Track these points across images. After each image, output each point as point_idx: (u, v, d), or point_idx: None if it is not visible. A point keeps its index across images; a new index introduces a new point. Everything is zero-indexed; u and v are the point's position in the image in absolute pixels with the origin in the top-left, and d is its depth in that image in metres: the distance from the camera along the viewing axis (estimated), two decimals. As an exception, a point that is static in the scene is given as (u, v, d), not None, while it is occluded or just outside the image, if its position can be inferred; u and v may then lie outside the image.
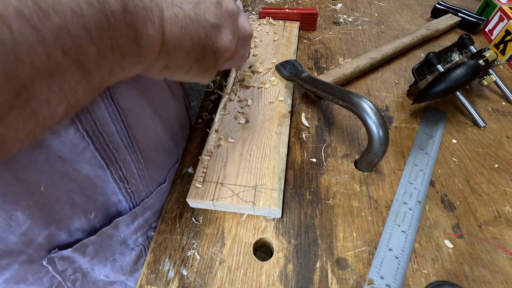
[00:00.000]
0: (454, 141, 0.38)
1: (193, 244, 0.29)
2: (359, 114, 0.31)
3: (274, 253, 0.29)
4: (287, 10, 0.55)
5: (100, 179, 0.26)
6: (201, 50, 0.21)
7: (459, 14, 0.57)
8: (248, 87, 0.42)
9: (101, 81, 0.15)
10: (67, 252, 0.27)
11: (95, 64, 0.14)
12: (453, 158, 0.36)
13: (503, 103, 0.44)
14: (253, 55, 0.48)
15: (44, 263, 0.26)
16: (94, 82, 0.14)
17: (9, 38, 0.10)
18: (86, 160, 0.24)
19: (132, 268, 0.34)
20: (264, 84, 0.42)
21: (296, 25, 0.54)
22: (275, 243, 0.29)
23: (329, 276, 0.27)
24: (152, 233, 0.34)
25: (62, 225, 0.25)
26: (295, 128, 0.40)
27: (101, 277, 0.31)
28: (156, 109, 0.30)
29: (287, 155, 0.35)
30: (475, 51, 0.42)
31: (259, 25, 0.54)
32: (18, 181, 0.21)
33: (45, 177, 0.22)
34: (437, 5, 0.60)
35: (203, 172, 0.32)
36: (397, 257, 0.28)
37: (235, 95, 0.41)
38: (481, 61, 0.38)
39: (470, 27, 0.56)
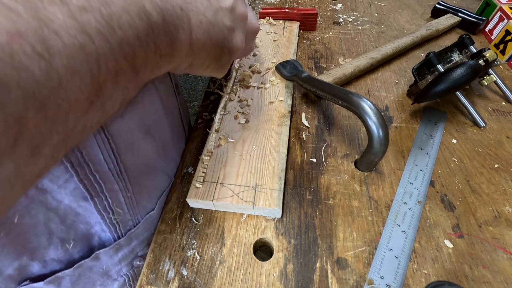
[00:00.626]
0: (454, 141, 0.38)
1: (193, 244, 0.29)
2: (359, 114, 0.31)
3: (274, 253, 0.29)
4: (287, 10, 0.55)
5: (83, 209, 0.25)
6: (219, 49, 0.24)
7: (459, 14, 0.57)
8: (248, 87, 0.42)
9: (144, 78, 0.18)
10: (38, 285, 0.25)
11: (142, 65, 0.17)
12: (453, 158, 0.36)
13: (503, 103, 0.44)
14: (253, 55, 0.48)
15: None
16: (140, 79, 0.18)
17: (93, 51, 0.13)
18: (68, 191, 0.23)
19: None
20: (264, 84, 0.42)
21: (296, 25, 0.54)
22: (275, 243, 0.29)
23: (329, 276, 0.27)
24: (138, 262, 0.32)
25: (35, 255, 0.24)
26: (295, 128, 0.40)
27: None
28: (148, 129, 0.29)
29: (287, 155, 0.35)
30: (475, 51, 0.42)
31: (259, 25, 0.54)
32: None
33: (20, 207, 0.21)
34: (437, 5, 0.60)
35: (203, 172, 0.32)
36: (397, 257, 0.28)
37: (235, 95, 0.41)
38: (481, 61, 0.38)
39: (470, 27, 0.56)
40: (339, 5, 0.65)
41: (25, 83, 0.10)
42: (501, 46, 0.50)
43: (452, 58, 0.44)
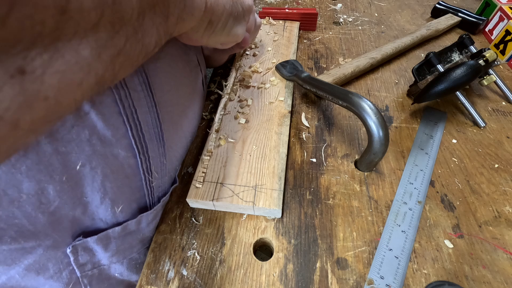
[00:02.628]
0: (454, 141, 0.38)
1: (193, 244, 0.29)
2: (359, 114, 0.31)
3: (274, 253, 0.29)
4: (287, 10, 0.55)
5: (131, 170, 0.26)
6: (233, 4, 0.27)
7: (459, 14, 0.57)
8: (248, 87, 0.42)
9: (172, 27, 0.20)
10: (91, 240, 0.26)
11: (171, 11, 0.19)
12: (453, 158, 0.36)
13: (503, 103, 0.44)
14: (253, 55, 0.48)
15: (68, 251, 0.25)
16: (167, 26, 0.20)
17: None
18: (123, 146, 0.24)
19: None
20: (264, 84, 0.42)
21: (296, 25, 0.54)
22: (275, 243, 0.29)
23: (329, 276, 0.27)
24: None
25: (87, 211, 0.25)
26: (295, 128, 0.40)
27: (116, 274, 0.31)
28: (184, 110, 0.33)
29: (287, 155, 0.35)
30: (475, 51, 0.42)
31: (259, 25, 0.54)
32: (56, 153, 0.20)
33: (84, 156, 0.22)
34: (437, 5, 0.60)
35: (203, 172, 0.32)
36: (397, 257, 0.28)
37: (235, 95, 0.41)
38: (481, 61, 0.38)
39: (470, 27, 0.56)
40: (339, 5, 0.65)
41: None
42: (501, 46, 0.50)
43: (452, 58, 0.44)
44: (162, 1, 0.18)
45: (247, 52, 0.48)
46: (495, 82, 0.43)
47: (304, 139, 0.38)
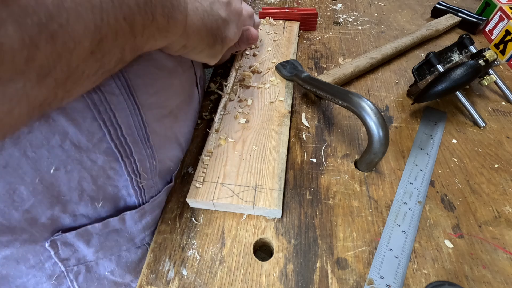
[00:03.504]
0: (454, 141, 0.38)
1: (193, 244, 0.29)
2: (359, 114, 0.31)
3: (274, 253, 0.29)
4: (287, 10, 0.55)
5: (114, 172, 0.26)
6: (212, 37, 0.27)
7: (459, 14, 0.57)
8: (248, 87, 0.42)
9: (141, 45, 0.20)
10: (70, 235, 0.26)
11: (140, 31, 0.19)
12: (453, 158, 0.36)
13: (503, 103, 0.44)
14: (253, 55, 0.48)
15: (47, 245, 0.26)
16: (136, 45, 0.19)
17: (98, 4, 0.15)
18: (101, 150, 0.24)
19: (137, 267, 0.33)
20: (264, 84, 0.42)
21: (296, 25, 0.54)
22: (275, 243, 0.29)
23: (329, 276, 0.27)
24: None
25: (67, 209, 0.25)
26: (295, 128, 0.40)
27: (106, 273, 0.31)
28: (175, 111, 0.32)
29: (287, 155, 0.35)
30: (475, 51, 0.42)
31: (259, 25, 0.54)
32: (25, 157, 0.21)
33: (57, 161, 0.22)
34: (437, 5, 0.60)
35: (203, 172, 0.32)
36: (397, 257, 0.28)
37: (235, 95, 0.41)
38: (481, 61, 0.38)
39: (470, 27, 0.56)
40: (339, 5, 0.65)
41: (39, 11, 0.13)
42: (501, 46, 0.50)
43: (452, 58, 0.44)
44: (129, 26, 0.18)
45: (247, 52, 0.48)
46: (495, 82, 0.43)
47: (304, 139, 0.38)
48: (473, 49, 0.43)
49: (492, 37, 0.53)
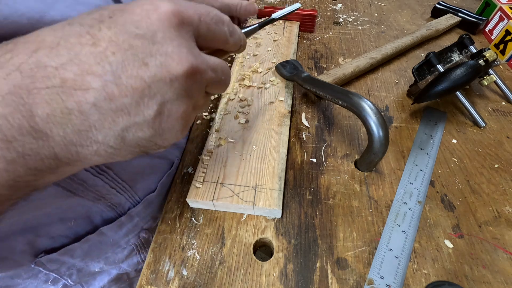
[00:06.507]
0: (454, 141, 0.38)
1: (193, 244, 0.29)
2: (359, 114, 0.31)
3: (274, 253, 0.29)
4: (287, 10, 0.55)
5: (74, 200, 0.26)
6: (141, 152, 0.18)
7: (459, 14, 0.57)
8: (248, 87, 0.42)
9: (46, 182, 0.16)
10: (53, 255, 0.27)
11: (33, 179, 0.15)
12: (453, 158, 0.36)
13: (503, 103, 0.44)
14: (253, 55, 0.48)
15: (32, 265, 0.26)
16: (38, 184, 0.16)
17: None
18: (51, 194, 0.24)
19: (126, 259, 0.34)
20: (264, 84, 0.42)
21: (296, 25, 0.54)
22: (275, 243, 0.29)
23: (329, 276, 0.27)
24: (144, 235, 0.34)
25: (40, 232, 0.25)
26: (295, 128, 0.40)
27: (96, 270, 0.32)
28: None
29: (287, 155, 0.35)
30: (475, 51, 0.42)
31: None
32: None
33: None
34: (437, 5, 0.60)
35: (203, 172, 0.32)
36: (397, 257, 0.28)
37: (235, 95, 0.41)
38: (481, 61, 0.38)
39: (470, 27, 0.56)
40: (339, 5, 0.65)
41: None
42: (501, 46, 0.50)
43: (452, 58, 0.44)
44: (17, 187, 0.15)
45: (248, 52, 0.48)
46: (495, 82, 0.43)
47: (304, 139, 0.38)
48: (473, 49, 0.43)
49: (492, 37, 0.53)
